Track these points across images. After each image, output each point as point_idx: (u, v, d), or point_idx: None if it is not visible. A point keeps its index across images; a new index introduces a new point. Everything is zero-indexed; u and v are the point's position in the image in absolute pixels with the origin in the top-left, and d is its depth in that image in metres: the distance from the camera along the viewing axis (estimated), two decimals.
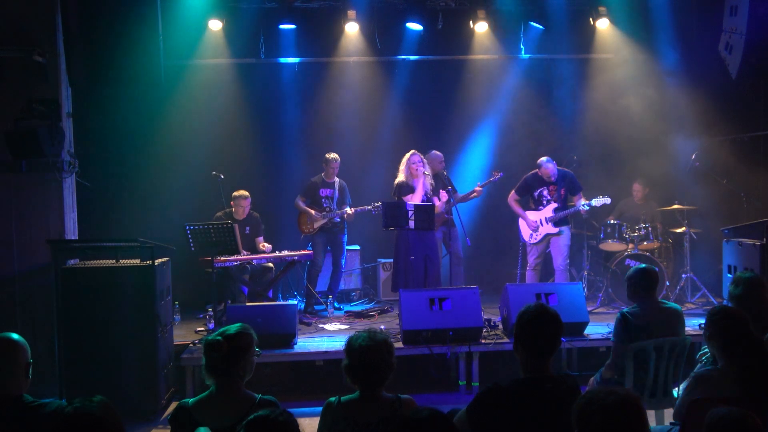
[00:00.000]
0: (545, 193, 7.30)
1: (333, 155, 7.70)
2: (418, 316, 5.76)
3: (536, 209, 7.38)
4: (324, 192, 7.72)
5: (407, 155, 7.07)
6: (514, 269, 7.97)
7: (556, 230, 7.24)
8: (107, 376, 5.16)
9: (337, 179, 7.78)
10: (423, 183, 7.01)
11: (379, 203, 7.62)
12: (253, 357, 2.94)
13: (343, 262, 7.93)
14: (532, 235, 7.38)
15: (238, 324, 2.98)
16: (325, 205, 7.69)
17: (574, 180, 7.34)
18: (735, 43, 5.70)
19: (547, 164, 7.24)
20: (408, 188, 6.99)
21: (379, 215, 7.52)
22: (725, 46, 5.90)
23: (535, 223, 7.35)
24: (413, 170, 6.96)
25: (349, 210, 7.64)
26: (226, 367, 2.84)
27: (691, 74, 7.82)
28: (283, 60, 8.41)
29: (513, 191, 7.53)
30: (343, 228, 7.83)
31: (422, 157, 7.08)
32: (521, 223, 7.49)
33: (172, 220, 7.51)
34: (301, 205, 7.66)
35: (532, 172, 7.44)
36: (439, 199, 7.23)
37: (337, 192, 7.74)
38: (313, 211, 7.59)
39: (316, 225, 7.62)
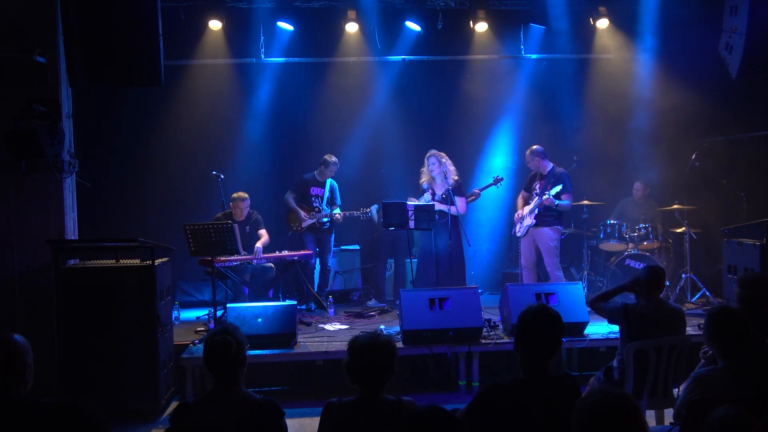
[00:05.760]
0: (537, 187, 7.27)
1: (333, 158, 7.71)
2: (418, 316, 5.76)
3: (529, 203, 7.38)
4: (315, 191, 7.74)
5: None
6: (514, 269, 7.97)
7: (532, 221, 7.14)
8: (107, 376, 5.16)
9: (328, 179, 7.80)
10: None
11: (368, 209, 7.70)
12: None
13: (331, 261, 7.95)
14: (518, 227, 7.38)
15: (225, 324, 3.01)
16: (315, 204, 7.70)
17: (561, 177, 7.12)
18: (735, 43, 5.70)
19: (527, 152, 7.30)
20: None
21: (367, 219, 7.75)
22: (725, 46, 5.90)
23: (520, 216, 7.35)
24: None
25: (338, 215, 7.68)
26: (228, 366, 2.85)
27: (691, 74, 7.82)
28: (282, 60, 8.40)
29: (522, 189, 7.57)
30: (331, 228, 7.86)
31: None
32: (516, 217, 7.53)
33: (172, 220, 7.53)
34: (292, 202, 7.68)
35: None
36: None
37: (327, 191, 7.76)
38: (302, 211, 7.60)
39: (305, 224, 7.64)
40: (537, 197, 7.12)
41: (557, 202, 6.93)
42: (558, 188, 6.88)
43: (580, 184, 7.86)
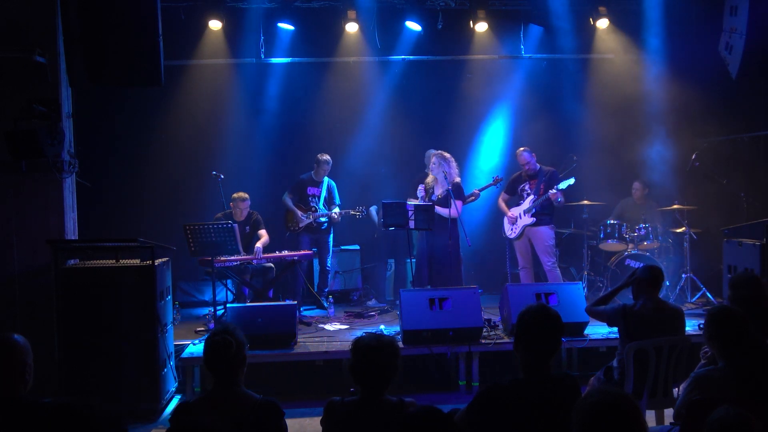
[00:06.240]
0: (527, 187, 7.30)
1: (325, 157, 7.73)
2: (418, 316, 5.76)
3: (518, 204, 7.38)
4: (312, 190, 7.76)
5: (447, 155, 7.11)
6: (514, 269, 7.97)
7: (531, 220, 7.15)
8: (107, 376, 5.16)
9: (325, 178, 7.80)
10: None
11: (363, 207, 7.72)
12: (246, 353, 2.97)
13: (329, 262, 7.95)
14: (511, 228, 7.38)
15: (225, 324, 3.01)
16: (311, 204, 7.72)
17: (554, 176, 7.22)
18: (735, 43, 5.71)
19: (522, 153, 7.30)
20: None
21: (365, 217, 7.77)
22: (725, 46, 5.91)
23: (514, 217, 7.35)
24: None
25: (334, 213, 7.68)
26: (228, 366, 2.85)
27: (691, 74, 7.82)
28: (282, 60, 8.40)
29: (502, 191, 7.58)
30: (329, 229, 7.86)
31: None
32: (504, 219, 7.52)
33: (172, 220, 7.52)
34: (289, 203, 7.72)
35: (518, 172, 7.48)
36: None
37: (324, 191, 7.76)
38: (299, 211, 7.61)
39: (302, 224, 7.65)
40: (533, 196, 7.14)
41: (554, 191, 6.98)
42: (570, 181, 6.92)
43: (580, 184, 7.85)
